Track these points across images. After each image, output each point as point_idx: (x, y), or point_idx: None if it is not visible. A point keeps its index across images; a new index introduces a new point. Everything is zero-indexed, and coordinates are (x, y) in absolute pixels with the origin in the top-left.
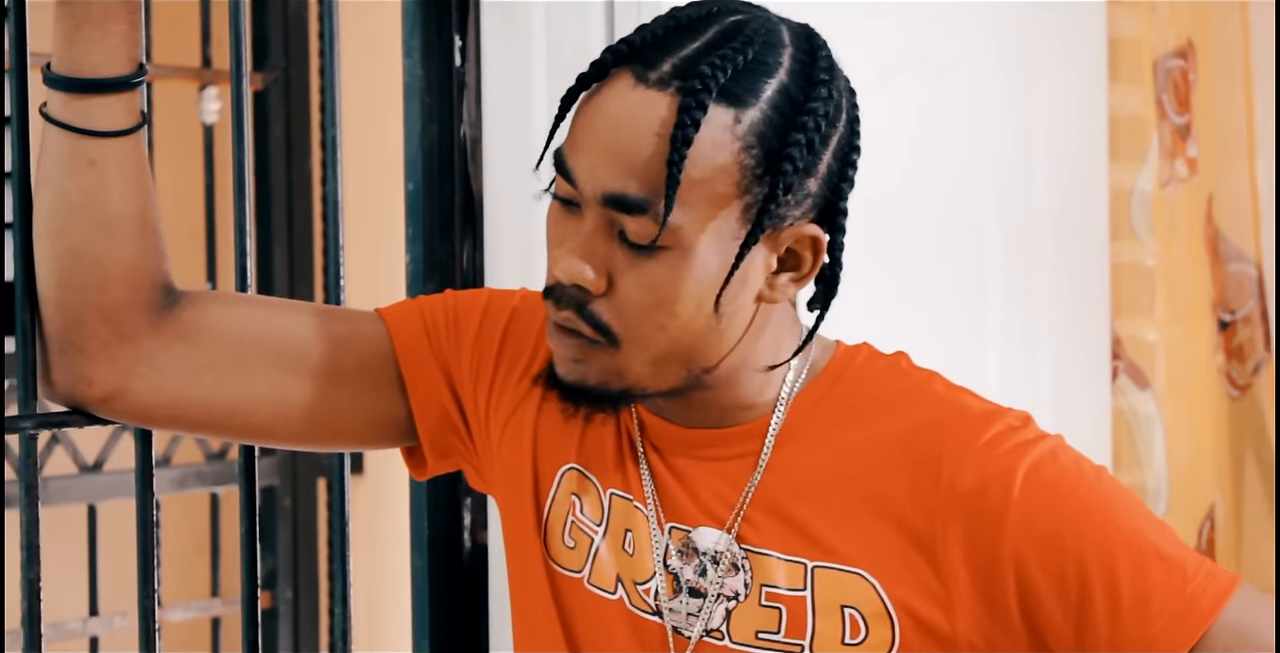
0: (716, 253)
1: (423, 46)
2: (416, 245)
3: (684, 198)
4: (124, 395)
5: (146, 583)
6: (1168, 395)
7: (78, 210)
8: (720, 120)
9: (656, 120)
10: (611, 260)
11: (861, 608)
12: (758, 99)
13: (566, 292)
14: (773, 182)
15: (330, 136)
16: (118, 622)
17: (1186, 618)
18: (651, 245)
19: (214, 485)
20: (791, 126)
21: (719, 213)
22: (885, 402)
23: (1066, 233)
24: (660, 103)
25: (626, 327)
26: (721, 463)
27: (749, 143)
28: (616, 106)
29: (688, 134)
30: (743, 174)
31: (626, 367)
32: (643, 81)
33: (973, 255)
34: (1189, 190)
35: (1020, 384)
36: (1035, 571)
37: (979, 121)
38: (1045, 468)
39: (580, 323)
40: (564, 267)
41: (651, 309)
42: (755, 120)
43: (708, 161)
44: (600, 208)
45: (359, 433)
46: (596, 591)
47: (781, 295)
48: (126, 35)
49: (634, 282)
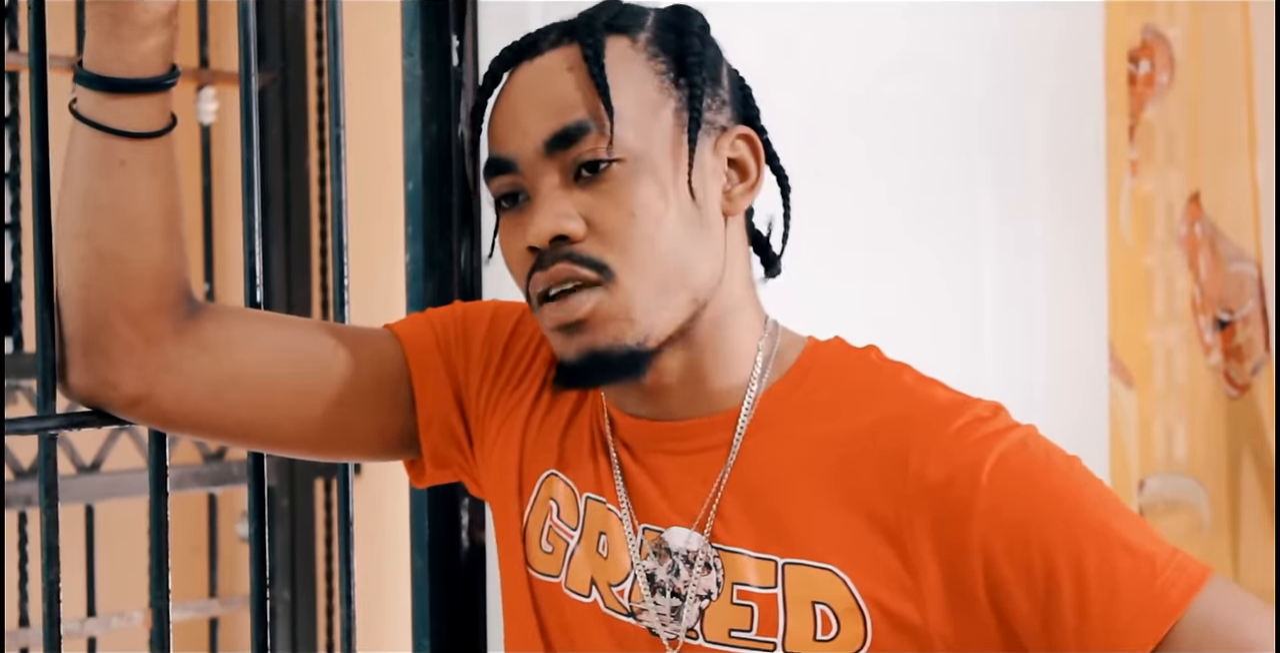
0: (669, 153)
1: (422, 46)
2: (416, 244)
3: (621, 111)
4: (148, 401)
5: (161, 583)
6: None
7: (106, 211)
8: (619, 45)
9: (563, 66)
10: (580, 204)
11: (833, 604)
12: (643, 27)
13: (548, 253)
14: (689, 79)
15: (334, 136)
16: (115, 623)
17: (1155, 611)
18: (610, 160)
19: (212, 486)
20: (684, 32)
21: (657, 116)
22: (855, 394)
23: (1064, 231)
24: (560, 54)
25: (616, 252)
26: (691, 457)
27: (652, 53)
28: (525, 80)
29: (597, 50)
30: (660, 78)
31: (631, 303)
32: (538, 55)
33: (970, 254)
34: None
35: (1018, 384)
36: (1003, 561)
37: (977, 121)
38: (1014, 458)
39: (576, 268)
40: (536, 230)
41: (631, 222)
42: (649, 39)
43: (623, 73)
44: (545, 160)
45: (369, 447)
46: (573, 595)
47: (740, 205)
48: (164, 35)
49: (607, 207)
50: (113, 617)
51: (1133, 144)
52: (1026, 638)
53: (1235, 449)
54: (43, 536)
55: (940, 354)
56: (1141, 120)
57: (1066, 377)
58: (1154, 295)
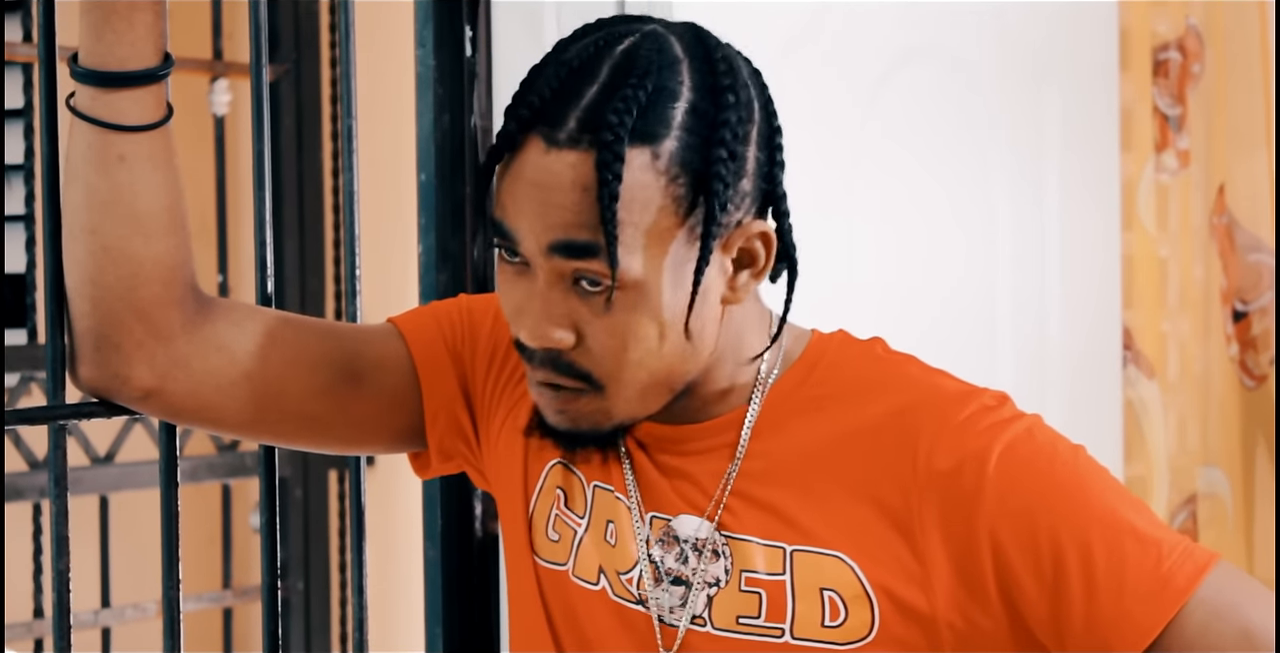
0: (673, 281)
1: (435, 37)
2: (429, 235)
3: (627, 242)
4: (159, 395)
5: (171, 573)
6: (1172, 387)
7: (110, 206)
8: (640, 162)
9: (578, 179)
10: (574, 313)
11: (840, 591)
12: (669, 129)
13: (538, 353)
14: (708, 201)
15: (346, 127)
16: (130, 613)
17: (1161, 596)
18: (610, 286)
19: (226, 477)
20: (710, 143)
21: (665, 245)
22: (861, 387)
23: (1078, 222)
24: (576, 162)
25: (605, 371)
26: (701, 455)
27: (674, 174)
28: (535, 174)
29: (613, 190)
30: (677, 204)
31: (613, 406)
32: (553, 145)
33: (985, 243)
34: (1181, 183)
35: (1033, 374)
36: (1011, 549)
37: (989, 112)
38: (1020, 446)
39: (560, 377)
40: (529, 333)
41: (624, 351)
42: (674, 150)
43: (640, 204)
44: (550, 259)
45: (375, 441)
46: (580, 582)
47: (744, 293)
48: (153, 26)
49: (601, 329)
50: (127, 608)
51: (1181, 133)
52: (1034, 624)
53: (1249, 440)
54: (53, 526)
55: (955, 342)
56: (1189, 109)
57: (1080, 367)
58: (1173, 285)
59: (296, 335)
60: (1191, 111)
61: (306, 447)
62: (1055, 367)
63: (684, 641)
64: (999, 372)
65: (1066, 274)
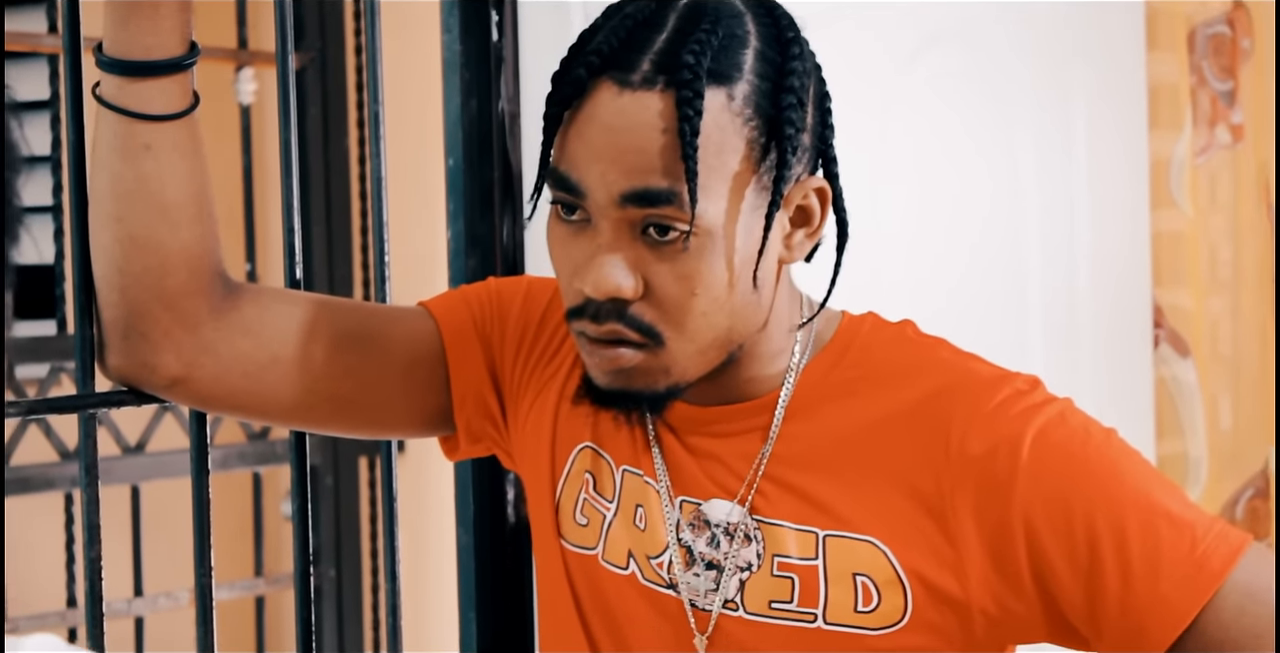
0: (745, 228)
1: (461, 22)
2: (457, 221)
3: (704, 185)
4: (187, 383)
5: (203, 561)
6: (1210, 364)
7: (136, 195)
8: (716, 102)
9: (656, 119)
10: (641, 261)
11: (874, 576)
12: (742, 72)
13: (603, 306)
14: (779, 146)
15: (373, 113)
16: (162, 602)
17: (1196, 579)
18: (686, 236)
19: (256, 465)
20: (780, 89)
21: (740, 190)
22: (893, 370)
23: (1108, 201)
24: (653, 102)
25: (671, 323)
26: (733, 438)
27: (747, 116)
28: (609, 116)
29: (694, 124)
30: (750, 147)
31: (674, 362)
32: (627, 86)
33: (1013, 223)
34: (1235, 157)
35: (1063, 354)
36: (1045, 533)
37: (1016, 93)
38: (1054, 431)
39: (627, 331)
40: (595, 281)
41: (691, 299)
42: (747, 93)
43: (716, 145)
44: (619, 210)
45: (405, 425)
46: (610, 567)
47: (799, 253)
48: (178, 15)
49: (669, 277)
50: (160, 596)
51: (1234, 108)
52: (1068, 609)
53: None
54: (84, 514)
55: (985, 327)
56: (1241, 84)
57: (1111, 347)
58: (1214, 263)
59: (324, 317)
60: (1243, 86)
61: (336, 431)
62: (1086, 345)
63: (716, 625)
64: (1029, 350)
65: (1095, 249)
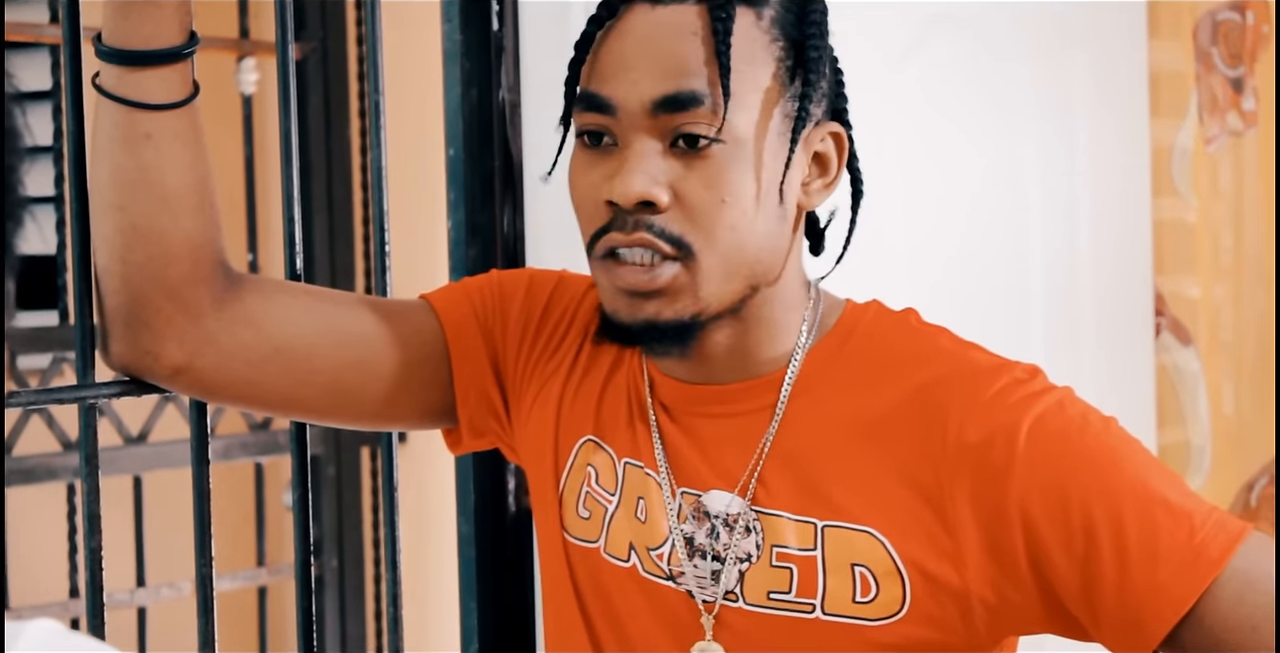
0: (770, 145)
1: (461, 11)
2: (458, 210)
3: (735, 90)
4: (189, 372)
5: (205, 552)
6: (1211, 352)
7: (137, 184)
8: (746, 20)
9: (689, 28)
10: (670, 171)
11: (872, 566)
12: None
13: (631, 216)
14: (805, 70)
15: (374, 103)
16: (165, 592)
17: (1194, 567)
18: (714, 139)
19: (258, 456)
20: (804, 19)
21: (769, 107)
22: (894, 359)
23: (1108, 190)
24: (686, 13)
25: (699, 232)
26: (735, 420)
27: (775, 36)
28: (643, 28)
29: (727, 25)
30: (778, 65)
31: (700, 281)
32: (660, 3)
33: (1013, 213)
34: (1246, 144)
35: (1064, 341)
36: (1042, 522)
37: (1016, 81)
38: (1051, 419)
39: (657, 240)
40: (624, 189)
41: (720, 206)
42: (774, 16)
43: (746, 56)
44: (649, 118)
45: (407, 418)
46: (611, 560)
47: (817, 199)
48: (178, 4)
49: (697, 183)
50: (162, 586)
51: (1244, 95)
52: (1066, 597)
53: None
54: (85, 504)
55: (987, 317)
56: (1255, 71)
57: (1112, 335)
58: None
59: (327, 309)
60: (1259, 72)
61: (338, 423)
62: (1087, 333)
63: (718, 616)
64: (1029, 339)
65: (1096, 237)
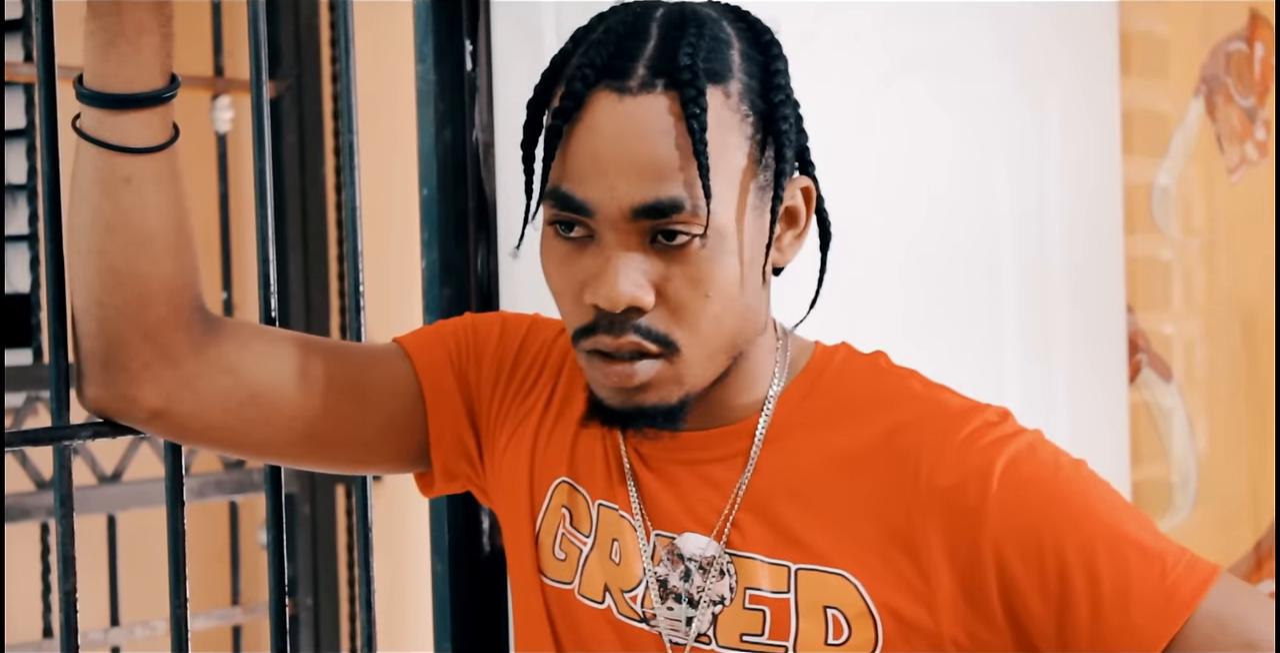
0: (749, 226)
1: (435, 51)
2: (432, 250)
3: (714, 189)
4: (166, 416)
5: (179, 591)
6: (1188, 388)
7: (117, 228)
8: (716, 100)
9: (660, 121)
10: (652, 270)
11: (844, 609)
12: (732, 71)
13: (617, 319)
14: (776, 141)
15: (347, 143)
16: (139, 632)
17: (1166, 608)
18: (698, 238)
19: (233, 494)
20: (769, 86)
21: (746, 187)
22: (865, 401)
23: (1080, 227)
24: (655, 105)
25: (686, 328)
26: (709, 466)
27: (744, 113)
28: (612, 125)
29: (701, 120)
30: (751, 144)
31: (687, 371)
32: (626, 93)
33: (986, 252)
34: (1261, 174)
35: (1037, 380)
36: (1016, 564)
37: (989, 118)
38: (1023, 462)
39: (644, 342)
40: (609, 294)
41: (705, 302)
42: (739, 90)
43: (720, 143)
44: (629, 223)
45: (383, 464)
46: (585, 601)
47: (789, 254)
48: (159, 48)
49: (681, 282)
50: (136, 626)
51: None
52: (1039, 639)
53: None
54: (60, 547)
55: (960, 356)
56: (1265, 101)
57: (1088, 375)
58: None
59: (303, 356)
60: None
61: (313, 467)
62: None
63: None
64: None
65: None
